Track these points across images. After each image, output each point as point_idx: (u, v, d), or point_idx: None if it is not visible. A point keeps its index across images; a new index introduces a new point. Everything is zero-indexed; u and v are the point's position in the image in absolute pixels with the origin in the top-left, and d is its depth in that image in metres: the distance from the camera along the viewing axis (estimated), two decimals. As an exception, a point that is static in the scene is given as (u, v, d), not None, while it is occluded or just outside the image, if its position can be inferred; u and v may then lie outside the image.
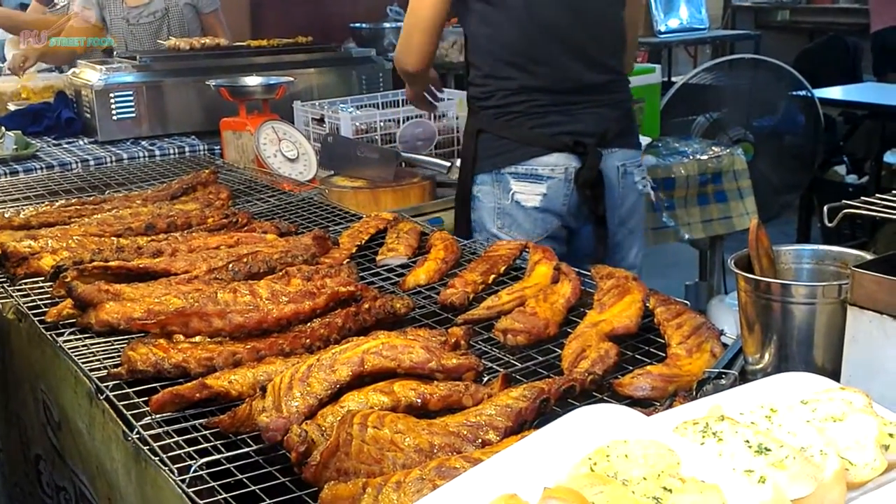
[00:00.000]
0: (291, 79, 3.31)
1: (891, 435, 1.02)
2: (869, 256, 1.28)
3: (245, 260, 1.89)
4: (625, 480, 0.93)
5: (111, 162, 3.27)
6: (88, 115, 3.57)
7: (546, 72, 2.50)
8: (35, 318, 1.73)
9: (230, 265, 1.87)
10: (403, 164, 3.00)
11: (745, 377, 1.37)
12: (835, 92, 5.30)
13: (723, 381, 1.33)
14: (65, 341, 1.61)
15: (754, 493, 0.92)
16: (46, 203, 2.49)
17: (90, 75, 3.58)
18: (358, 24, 6.64)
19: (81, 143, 3.54)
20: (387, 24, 6.66)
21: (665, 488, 0.92)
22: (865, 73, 7.10)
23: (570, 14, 2.51)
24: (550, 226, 2.57)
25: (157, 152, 3.39)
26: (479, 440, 1.21)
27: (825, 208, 1.30)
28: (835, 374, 1.25)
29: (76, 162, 3.23)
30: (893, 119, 5.09)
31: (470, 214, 2.64)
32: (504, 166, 2.54)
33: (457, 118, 3.37)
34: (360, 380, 1.35)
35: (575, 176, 2.52)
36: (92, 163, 3.24)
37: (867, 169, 5.15)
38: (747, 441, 0.98)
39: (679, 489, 0.92)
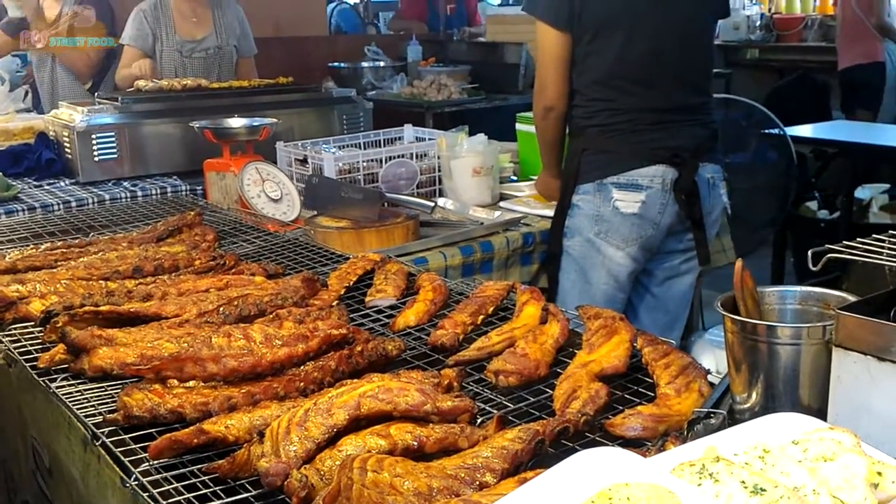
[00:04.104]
0: (275, 120, 3.34)
1: (879, 473, 1.06)
2: (851, 298, 1.32)
3: (235, 303, 1.90)
4: (626, 522, 0.96)
5: (93, 203, 3.26)
6: (70, 157, 3.57)
7: (649, 93, 2.77)
8: (26, 364, 1.73)
9: (221, 308, 1.87)
10: (387, 204, 3.03)
11: (732, 416, 1.40)
12: (805, 130, 5.42)
13: (712, 421, 1.36)
14: (58, 387, 1.61)
15: (751, 533, 0.94)
16: (31, 246, 2.48)
17: (72, 116, 3.59)
18: (336, 64, 6.71)
19: (62, 184, 3.52)
20: (365, 64, 6.74)
21: (665, 530, 0.94)
22: (834, 109, 7.25)
23: (674, 41, 2.77)
24: (644, 233, 2.79)
25: (140, 193, 3.39)
26: (477, 482, 1.23)
27: (809, 252, 1.34)
28: (821, 413, 1.28)
29: (58, 203, 3.21)
30: (863, 156, 5.21)
31: (564, 222, 2.87)
32: (606, 177, 2.77)
33: (438, 158, 3.41)
34: (357, 423, 1.36)
35: (673, 185, 2.76)
36: (74, 204, 3.23)
37: (839, 204, 5.25)
38: (743, 482, 1.01)
39: (679, 530, 0.94)
